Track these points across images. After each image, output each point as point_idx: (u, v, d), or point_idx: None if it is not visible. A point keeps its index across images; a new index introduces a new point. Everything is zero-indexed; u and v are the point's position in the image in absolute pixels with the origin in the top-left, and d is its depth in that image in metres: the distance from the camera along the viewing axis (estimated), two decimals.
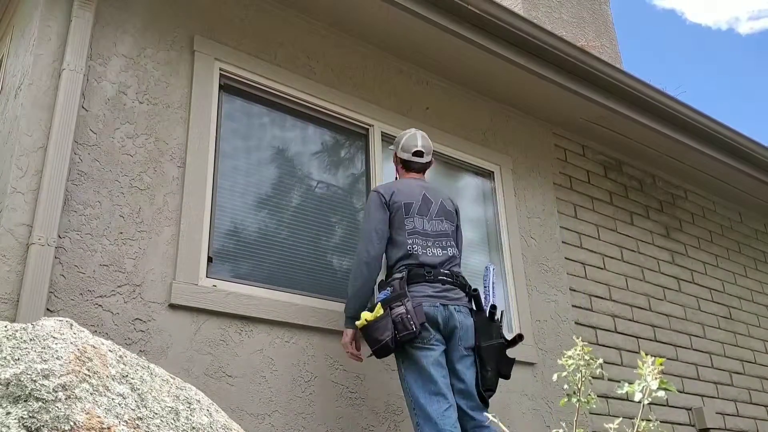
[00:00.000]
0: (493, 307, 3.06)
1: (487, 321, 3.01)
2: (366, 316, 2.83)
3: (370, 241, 2.99)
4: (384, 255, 3.06)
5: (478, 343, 2.95)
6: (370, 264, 2.98)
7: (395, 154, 3.35)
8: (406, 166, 3.29)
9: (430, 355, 2.80)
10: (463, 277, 3.06)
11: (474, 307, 3.04)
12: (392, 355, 2.89)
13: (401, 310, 2.76)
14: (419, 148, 3.26)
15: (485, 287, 3.16)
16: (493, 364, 2.93)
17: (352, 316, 2.96)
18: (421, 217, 3.07)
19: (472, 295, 3.05)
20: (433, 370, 2.77)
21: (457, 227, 3.26)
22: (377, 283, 3.06)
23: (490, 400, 2.93)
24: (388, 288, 2.89)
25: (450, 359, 2.89)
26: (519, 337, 3.08)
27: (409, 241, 2.99)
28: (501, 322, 3.09)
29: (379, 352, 2.80)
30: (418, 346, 2.79)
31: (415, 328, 2.73)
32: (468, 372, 2.90)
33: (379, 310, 2.80)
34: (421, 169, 3.29)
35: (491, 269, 3.26)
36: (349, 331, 2.97)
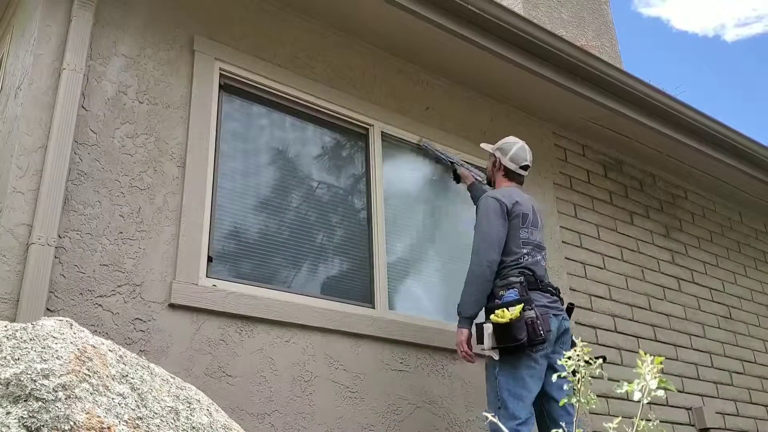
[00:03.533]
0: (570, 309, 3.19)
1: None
2: (505, 314, 2.85)
3: (492, 247, 3.05)
4: None
5: None
6: (492, 268, 3.03)
7: (496, 158, 3.39)
8: (509, 175, 3.36)
9: (535, 367, 2.89)
10: (559, 290, 3.18)
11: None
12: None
13: (532, 314, 2.85)
14: (528, 163, 3.37)
15: None
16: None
17: (470, 317, 3.03)
18: (533, 228, 3.18)
19: (569, 308, 3.17)
20: (531, 382, 2.88)
21: None
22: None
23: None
24: (513, 289, 2.95)
25: (552, 359, 2.96)
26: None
27: (524, 251, 3.09)
28: None
29: (507, 350, 2.85)
30: (530, 354, 2.87)
31: (544, 335, 2.82)
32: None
33: (518, 311, 2.83)
34: (521, 182, 3.38)
35: None
36: (465, 331, 3.02)
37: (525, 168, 3.37)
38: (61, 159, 2.72)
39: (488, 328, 2.90)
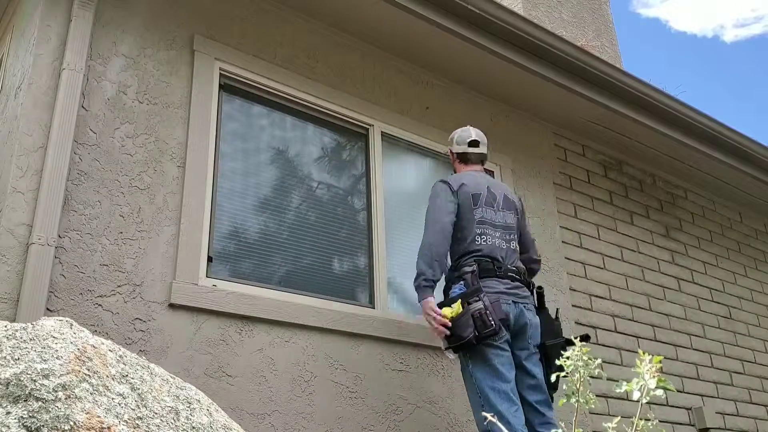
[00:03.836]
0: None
1: (551, 319, 3.04)
2: (446, 312, 2.77)
3: (437, 232, 2.94)
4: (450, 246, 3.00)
5: (543, 341, 2.96)
6: (440, 254, 2.92)
7: (450, 151, 3.35)
8: (463, 159, 3.27)
9: (502, 354, 2.78)
10: (526, 273, 3.05)
11: (537, 305, 3.05)
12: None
13: (479, 305, 2.73)
14: (474, 138, 3.27)
15: None
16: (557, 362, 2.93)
17: (427, 285, 2.88)
18: (489, 207, 3.06)
19: (538, 292, 3.06)
20: (504, 370, 2.77)
21: (522, 220, 3.24)
22: (445, 276, 3.01)
23: None
24: (461, 282, 2.86)
25: (517, 356, 2.88)
26: (586, 338, 3.06)
27: (477, 231, 2.98)
28: (559, 320, 3.14)
29: (458, 348, 2.78)
30: (491, 344, 2.76)
31: (495, 324, 2.70)
32: (536, 368, 2.91)
33: (459, 307, 2.75)
34: (479, 160, 3.27)
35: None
36: (430, 299, 2.87)
37: (474, 144, 3.25)
38: (61, 159, 2.72)
39: None
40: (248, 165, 3.43)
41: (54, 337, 1.41)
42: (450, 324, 2.79)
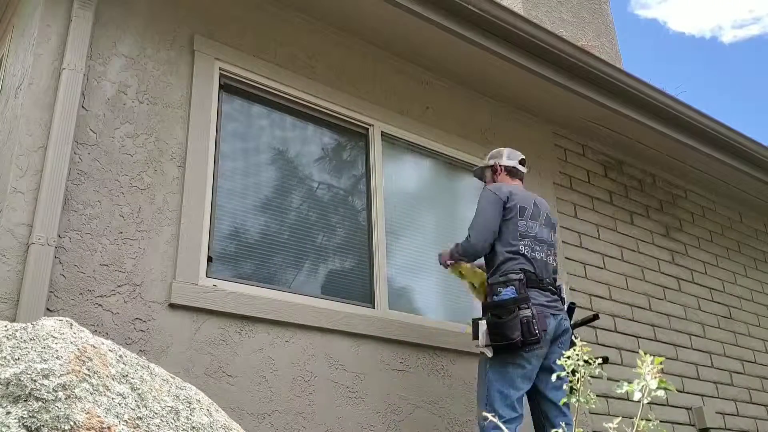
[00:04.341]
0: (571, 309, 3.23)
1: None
2: (465, 266, 3.24)
3: (483, 237, 3.11)
4: (492, 249, 3.15)
5: None
6: (478, 255, 3.15)
7: (496, 164, 3.44)
8: (511, 173, 3.41)
9: (525, 366, 2.90)
10: (561, 289, 3.20)
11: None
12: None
13: (528, 313, 2.87)
14: (523, 158, 3.46)
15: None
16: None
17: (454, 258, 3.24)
18: (533, 221, 3.19)
19: (570, 308, 3.20)
20: (519, 381, 2.89)
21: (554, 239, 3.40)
22: (489, 279, 3.15)
23: None
24: (511, 287, 2.98)
25: (548, 359, 2.98)
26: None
27: (521, 243, 3.10)
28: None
29: (501, 348, 2.88)
30: (521, 353, 2.88)
31: (539, 334, 2.84)
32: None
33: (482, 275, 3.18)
34: (522, 178, 3.44)
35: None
36: (449, 256, 3.25)
37: (522, 163, 3.43)
38: (61, 159, 2.72)
39: (483, 325, 2.93)
40: (248, 165, 3.43)
41: (54, 337, 1.41)
42: (449, 263, 3.26)
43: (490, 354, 2.93)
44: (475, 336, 2.96)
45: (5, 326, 1.39)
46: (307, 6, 3.74)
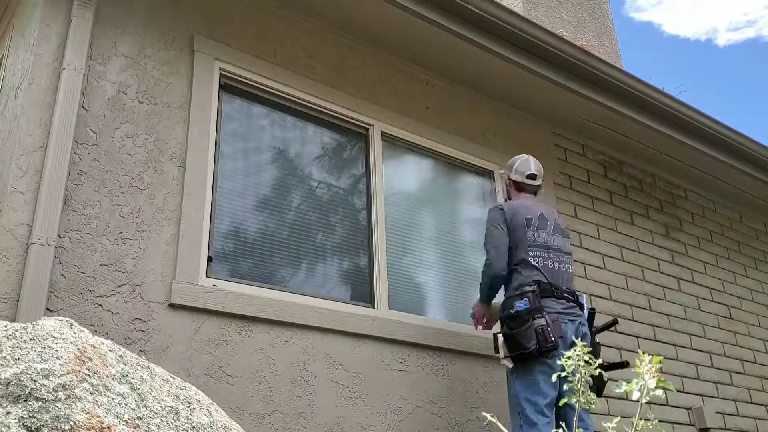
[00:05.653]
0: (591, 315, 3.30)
1: (593, 341, 3.25)
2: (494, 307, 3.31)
3: (497, 252, 3.21)
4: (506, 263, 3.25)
5: None
6: (499, 276, 3.22)
7: (507, 177, 3.53)
8: (518, 187, 3.49)
9: (547, 372, 2.94)
10: (578, 296, 3.25)
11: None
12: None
13: (542, 322, 2.96)
14: (533, 172, 3.48)
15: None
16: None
17: (483, 302, 3.35)
18: (541, 230, 3.25)
19: (590, 313, 3.26)
20: (545, 386, 2.95)
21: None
22: (504, 294, 3.27)
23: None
24: (525, 299, 3.05)
25: None
26: (615, 321, 3.48)
27: (531, 254, 3.17)
28: (599, 344, 3.36)
29: (519, 357, 2.98)
30: (543, 360, 2.95)
31: (555, 341, 2.91)
32: None
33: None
34: (533, 191, 3.49)
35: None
36: (477, 309, 3.38)
37: (532, 177, 3.46)
38: (61, 159, 2.72)
39: (500, 338, 3.06)
40: (248, 165, 3.43)
41: (54, 337, 1.41)
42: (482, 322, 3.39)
43: (510, 365, 3.04)
44: (496, 350, 3.09)
45: (5, 326, 1.40)
46: (307, 6, 3.74)
